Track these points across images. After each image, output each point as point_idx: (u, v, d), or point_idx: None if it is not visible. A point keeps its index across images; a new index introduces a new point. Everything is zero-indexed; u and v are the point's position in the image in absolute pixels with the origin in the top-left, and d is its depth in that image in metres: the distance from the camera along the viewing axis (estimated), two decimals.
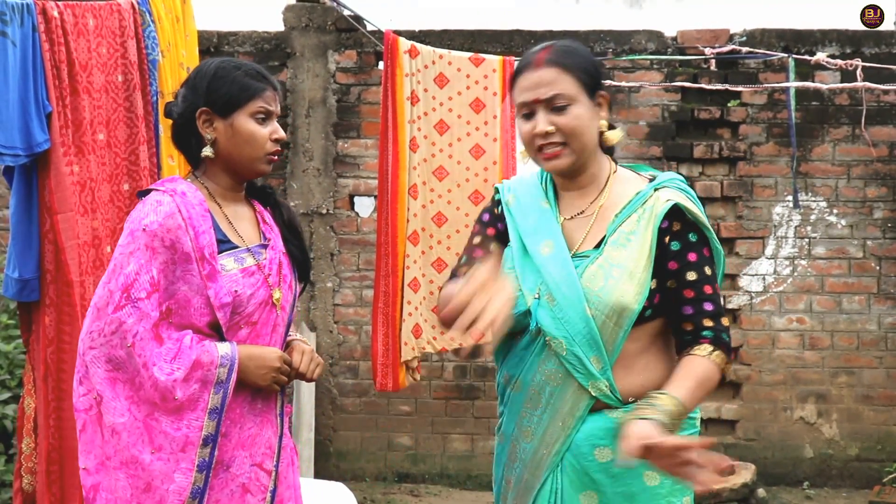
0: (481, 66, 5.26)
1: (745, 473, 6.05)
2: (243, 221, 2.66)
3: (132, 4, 3.40)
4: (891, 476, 6.25)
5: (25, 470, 2.98)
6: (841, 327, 6.48)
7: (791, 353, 6.50)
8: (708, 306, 2.42)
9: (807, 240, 6.48)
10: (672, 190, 2.50)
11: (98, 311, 2.43)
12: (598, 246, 2.45)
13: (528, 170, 2.69)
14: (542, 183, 2.62)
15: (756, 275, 6.51)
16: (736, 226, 6.49)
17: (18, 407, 3.08)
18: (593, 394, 2.41)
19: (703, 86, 6.35)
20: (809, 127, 6.45)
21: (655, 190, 2.49)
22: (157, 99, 3.38)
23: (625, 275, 2.40)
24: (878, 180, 6.44)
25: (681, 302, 2.44)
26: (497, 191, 2.70)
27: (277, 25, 6.64)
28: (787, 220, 6.49)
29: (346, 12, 6.27)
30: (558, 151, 2.44)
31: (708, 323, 2.42)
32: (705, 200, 6.48)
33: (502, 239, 2.62)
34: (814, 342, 6.49)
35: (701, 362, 2.37)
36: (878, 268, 6.45)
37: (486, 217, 2.70)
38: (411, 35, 5.66)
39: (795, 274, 6.49)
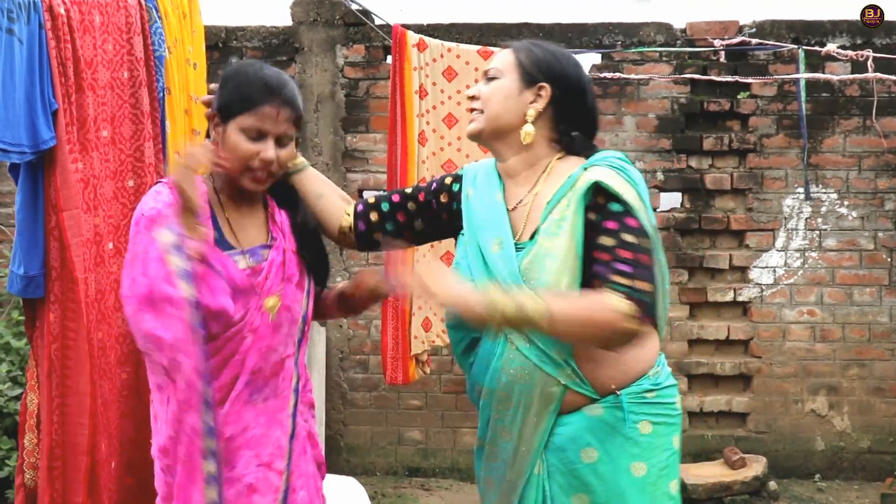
0: (490, 60, 5.24)
1: (756, 466, 6.04)
2: (247, 221, 2.61)
3: (139, 1, 3.39)
4: None
5: (28, 465, 2.98)
6: (852, 319, 6.46)
7: (802, 346, 6.48)
8: (621, 266, 2.28)
9: (817, 232, 6.45)
10: (601, 168, 2.42)
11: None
12: (532, 236, 2.45)
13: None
14: (496, 170, 2.66)
15: (766, 267, 6.48)
16: (746, 218, 6.46)
17: (21, 402, 3.09)
18: (563, 382, 2.40)
19: (712, 78, 6.34)
20: (820, 118, 6.41)
21: (585, 170, 2.44)
22: (164, 95, 3.37)
23: (556, 264, 2.37)
24: (889, 171, 6.40)
25: (592, 264, 2.34)
26: (461, 175, 2.75)
27: (285, 20, 6.63)
28: (797, 212, 6.46)
29: (354, 6, 6.26)
30: (474, 116, 2.59)
31: (619, 280, 2.27)
32: (715, 193, 6.46)
33: (442, 209, 2.74)
34: (825, 334, 6.47)
35: (599, 298, 2.25)
36: (889, 259, 6.41)
37: (440, 184, 2.78)
38: (419, 29, 5.65)
39: (806, 266, 6.47)
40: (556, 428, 2.44)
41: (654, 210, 6.40)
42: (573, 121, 2.55)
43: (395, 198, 2.77)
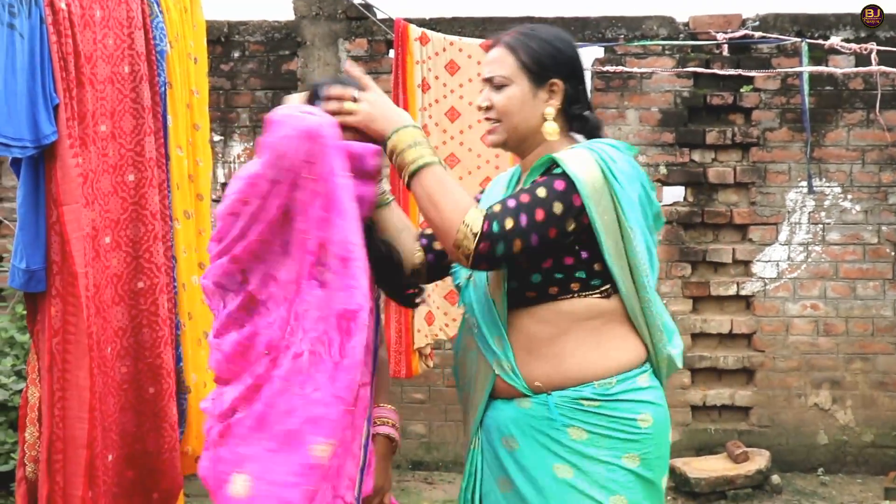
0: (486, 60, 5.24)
1: (759, 460, 6.05)
2: None
3: None
4: None
5: (29, 458, 2.99)
6: (855, 313, 6.45)
7: (805, 340, 6.48)
8: (509, 203, 2.30)
9: (821, 226, 6.45)
10: (575, 149, 2.40)
11: None
12: None
13: None
14: (515, 172, 2.67)
15: (770, 261, 6.48)
16: (749, 212, 6.46)
17: (22, 396, 3.10)
18: (497, 371, 2.40)
19: (715, 71, 6.33)
20: (823, 112, 6.41)
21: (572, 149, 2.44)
22: (166, 90, 3.38)
23: None
24: (892, 165, 6.39)
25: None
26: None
27: (288, 14, 6.64)
28: (800, 206, 6.46)
29: (356, 1, 6.26)
30: (493, 128, 2.51)
31: (495, 208, 2.29)
32: (718, 187, 6.47)
33: None
34: (828, 328, 6.47)
35: (466, 200, 2.32)
36: (893, 253, 6.41)
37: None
38: (422, 23, 5.65)
39: (809, 260, 6.46)
40: (489, 410, 2.44)
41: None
42: (578, 100, 2.51)
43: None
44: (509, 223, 2.26)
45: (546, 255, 2.32)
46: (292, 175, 2.28)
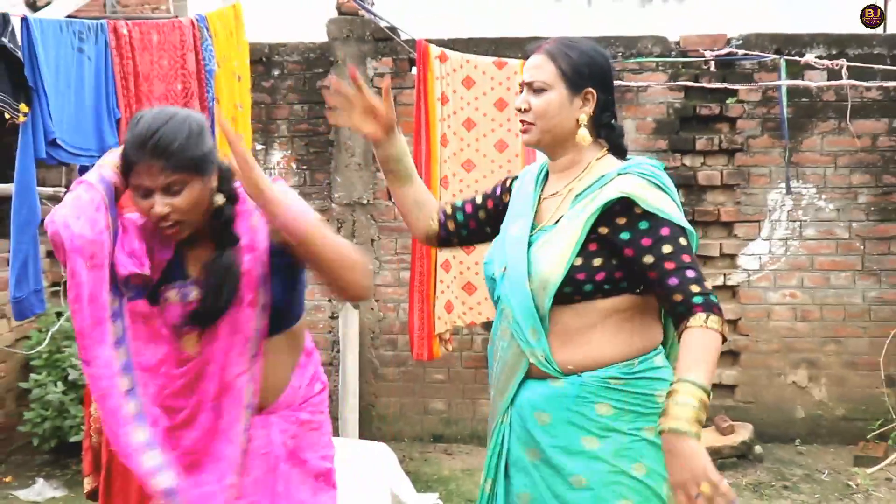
0: (504, 70, 5.26)
1: (743, 432, 6.05)
2: (199, 252, 2.37)
3: (192, 21, 3.43)
4: (873, 433, 6.23)
5: (94, 430, 3.03)
6: (829, 301, 6.44)
7: (784, 325, 6.47)
8: (690, 273, 2.23)
9: (798, 223, 6.44)
10: (633, 177, 2.32)
11: None
12: (556, 222, 2.40)
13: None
14: (542, 166, 2.59)
15: (753, 254, 6.48)
16: (734, 210, 6.46)
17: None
18: (530, 360, 2.37)
19: (703, 85, 6.33)
20: (800, 121, 6.40)
21: (619, 175, 2.35)
22: (213, 105, 3.42)
23: (555, 250, 2.32)
24: (862, 168, 6.38)
25: (663, 276, 2.25)
26: (517, 177, 2.69)
27: (322, 37, 6.66)
28: (780, 206, 6.45)
29: (382, 24, 6.28)
30: (527, 128, 2.45)
31: (695, 289, 2.21)
32: (707, 188, 6.46)
33: (504, 210, 2.64)
34: (805, 314, 6.46)
35: (702, 334, 2.16)
36: (862, 247, 6.40)
37: (503, 187, 2.71)
38: (441, 43, 5.67)
39: (788, 253, 6.46)
40: (521, 390, 2.40)
41: None
42: (609, 109, 2.48)
43: (468, 208, 2.73)
44: (708, 285, 2.26)
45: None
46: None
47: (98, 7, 8.07)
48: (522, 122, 2.46)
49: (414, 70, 5.97)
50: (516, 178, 2.69)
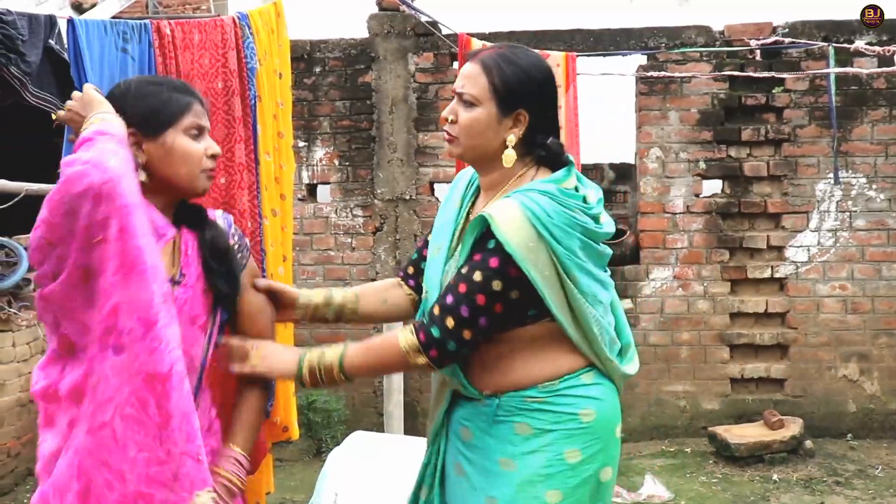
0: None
1: (793, 427, 6.00)
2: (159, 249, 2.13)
3: (233, 19, 3.46)
4: None
5: None
6: (881, 293, 6.37)
7: (834, 318, 6.40)
8: (447, 299, 2.18)
9: (848, 213, 6.37)
10: (509, 199, 2.20)
11: None
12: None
13: None
14: (475, 178, 2.47)
15: (801, 246, 6.41)
16: (782, 202, 6.40)
17: None
18: (449, 385, 2.35)
19: (749, 74, 6.28)
20: (849, 109, 6.32)
21: (507, 198, 2.22)
22: (255, 103, 3.44)
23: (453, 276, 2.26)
24: None
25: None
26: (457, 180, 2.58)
27: (362, 32, 6.70)
28: (829, 196, 6.38)
29: (423, 18, 6.30)
30: (450, 139, 2.33)
31: (434, 310, 2.20)
32: (753, 180, 6.41)
33: None
34: (856, 307, 6.38)
35: (389, 339, 2.25)
36: None
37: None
38: (482, 36, 5.67)
39: (838, 245, 6.38)
40: (453, 406, 2.39)
41: (697, 196, 6.39)
42: (545, 130, 2.32)
43: (420, 244, 2.62)
44: (450, 322, 2.17)
45: (505, 321, 2.21)
46: (79, 241, 1.95)
47: (140, 8, 8.19)
48: (447, 132, 2.33)
49: (455, 65, 5.99)
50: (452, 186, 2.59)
